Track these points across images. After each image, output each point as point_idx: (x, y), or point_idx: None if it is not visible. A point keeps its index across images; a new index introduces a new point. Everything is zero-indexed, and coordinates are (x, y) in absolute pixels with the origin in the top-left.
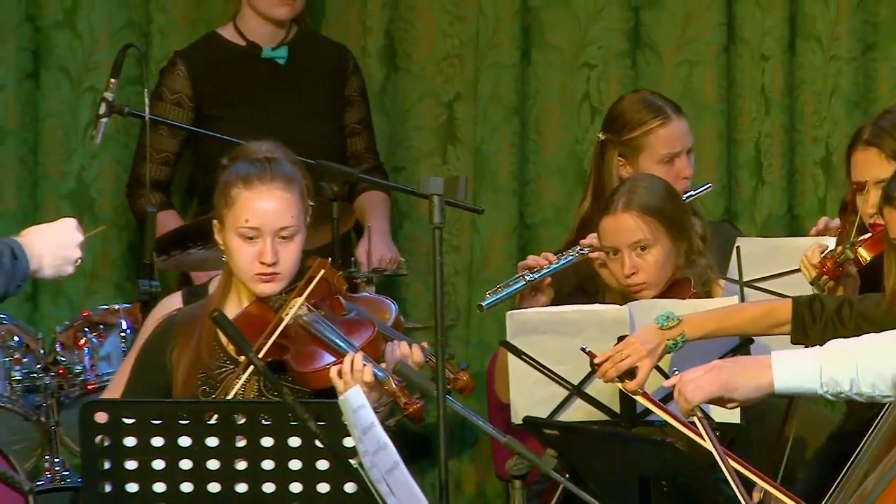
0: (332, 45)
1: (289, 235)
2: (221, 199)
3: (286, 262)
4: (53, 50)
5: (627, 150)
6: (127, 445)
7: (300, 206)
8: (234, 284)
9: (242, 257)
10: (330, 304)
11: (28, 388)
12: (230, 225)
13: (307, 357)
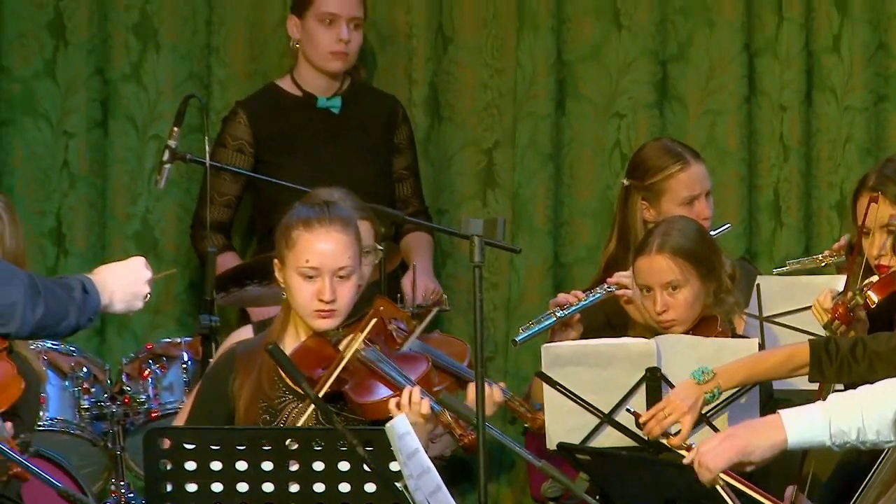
0: (383, 95)
1: (346, 275)
2: (283, 239)
3: (343, 300)
4: (121, 101)
5: (650, 194)
6: (188, 469)
7: (356, 247)
8: (292, 319)
9: (302, 295)
10: (385, 338)
11: (96, 416)
12: (291, 264)
13: (365, 390)
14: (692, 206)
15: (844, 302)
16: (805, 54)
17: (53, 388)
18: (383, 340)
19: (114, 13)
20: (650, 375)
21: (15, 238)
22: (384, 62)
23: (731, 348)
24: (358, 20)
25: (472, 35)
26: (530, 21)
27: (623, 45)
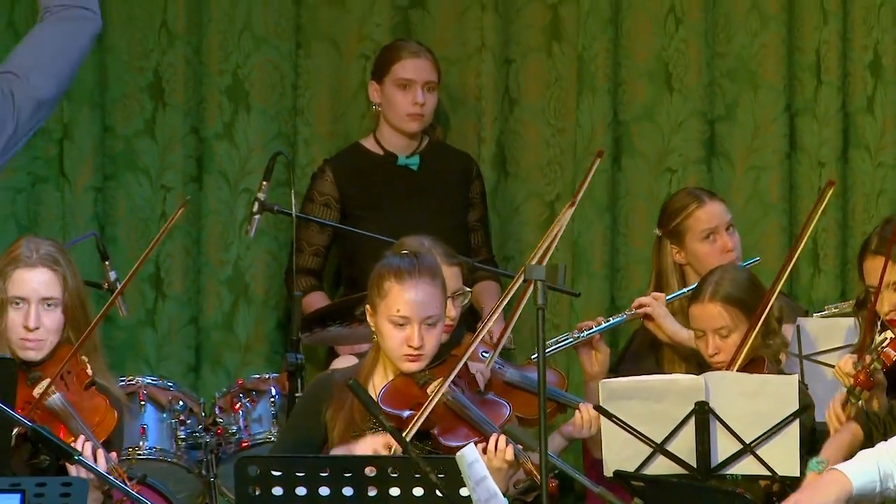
0: (458, 154)
1: (433, 322)
2: (375, 288)
3: (429, 345)
4: (214, 157)
5: (675, 236)
6: (275, 494)
7: (442, 296)
8: (382, 359)
9: (393, 341)
10: (467, 381)
11: (191, 446)
12: (382, 312)
13: (452, 434)
14: (714, 240)
15: (864, 368)
16: (842, 115)
17: (152, 420)
18: (466, 383)
19: (208, 77)
20: (699, 409)
21: (75, 279)
22: (456, 122)
23: (772, 384)
24: (432, 84)
25: (535, 97)
26: (589, 84)
27: (674, 106)
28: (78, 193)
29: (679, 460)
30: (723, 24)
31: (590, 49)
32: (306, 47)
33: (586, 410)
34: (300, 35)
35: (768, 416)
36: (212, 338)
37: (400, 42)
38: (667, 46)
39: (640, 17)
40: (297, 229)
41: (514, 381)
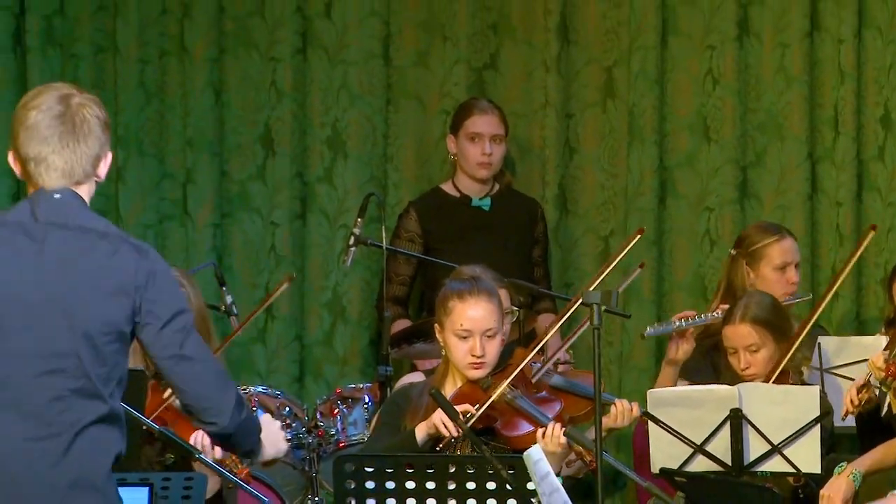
0: (525, 198)
1: (492, 334)
2: (441, 308)
3: (490, 355)
4: (316, 198)
5: (752, 259)
6: (368, 488)
7: (499, 312)
8: (451, 369)
9: (458, 352)
10: (525, 384)
11: (296, 446)
12: (448, 328)
13: (512, 426)
14: (784, 272)
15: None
16: (856, 162)
17: None
18: (524, 385)
19: (311, 129)
20: (733, 415)
21: (197, 299)
22: (524, 169)
23: (796, 393)
24: (500, 137)
25: (592, 146)
26: (638, 135)
27: (712, 155)
28: (199, 229)
29: (716, 459)
30: (753, 84)
31: (639, 105)
32: (395, 103)
33: (621, 404)
34: (390, 93)
35: (793, 421)
36: (314, 353)
37: (472, 100)
38: (705, 103)
39: (683, 78)
40: (387, 261)
41: (560, 386)
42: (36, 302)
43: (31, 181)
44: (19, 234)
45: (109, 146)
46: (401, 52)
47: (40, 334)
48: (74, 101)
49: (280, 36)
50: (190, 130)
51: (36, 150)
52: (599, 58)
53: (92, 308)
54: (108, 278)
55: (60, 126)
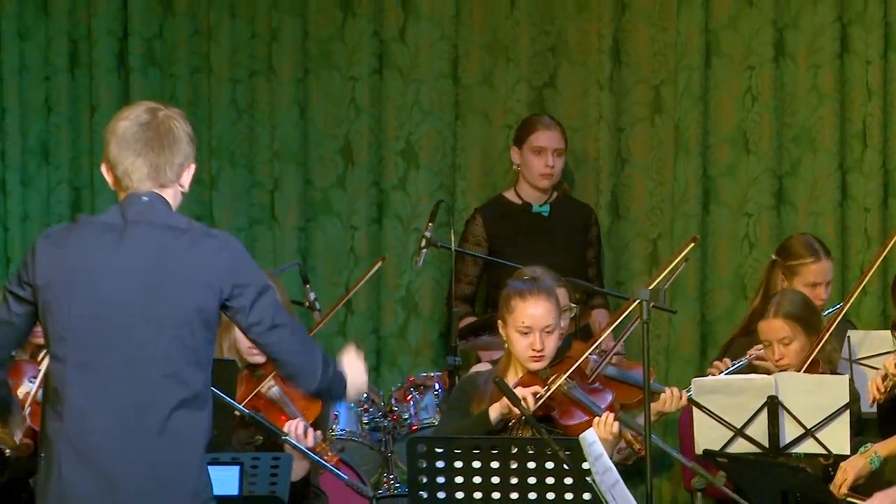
0: (580, 204)
1: (550, 330)
2: (504, 306)
3: (549, 348)
4: (391, 204)
5: (788, 272)
6: (438, 467)
7: (557, 309)
8: (512, 361)
9: (520, 346)
10: (580, 376)
11: (373, 428)
12: (511, 324)
13: (568, 415)
14: (814, 289)
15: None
16: (883, 171)
17: (343, 409)
18: (579, 377)
19: (386, 142)
20: (770, 401)
21: (282, 297)
22: (580, 178)
23: (826, 382)
24: (560, 150)
25: (641, 157)
26: (683, 147)
27: (751, 165)
28: (285, 232)
29: (754, 441)
30: (789, 101)
31: (684, 120)
32: (463, 119)
33: (671, 392)
34: (458, 109)
35: (825, 407)
36: (389, 344)
37: (536, 117)
38: (745, 118)
39: (724, 96)
40: (455, 261)
41: (614, 376)
42: (126, 295)
43: (121, 186)
44: (109, 233)
45: (193, 158)
46: (468, 72)
47: (131, 324)
48: (161, 114)
49: (359, 58)
50: (277, 143)
51: (124, 156)
52: (648, 77)
53: (180, 298)
54: (193, 270)
55: (147, 133)
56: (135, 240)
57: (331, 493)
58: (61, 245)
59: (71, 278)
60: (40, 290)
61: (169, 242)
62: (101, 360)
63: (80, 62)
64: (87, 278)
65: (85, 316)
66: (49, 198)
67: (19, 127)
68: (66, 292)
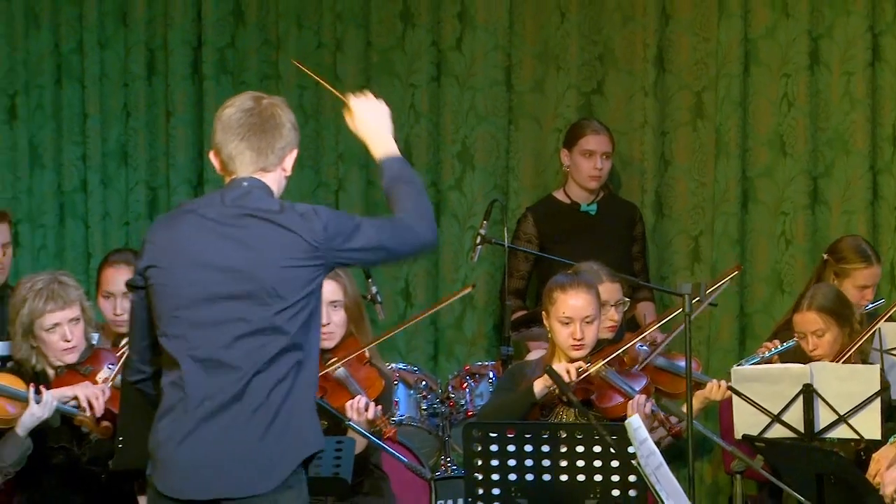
0: (626, 203)
1: (590, 320)
2: (547, 299)
3: (589, 338)
4: (448, 203)
5: (840, 272)
6: (492, 450)
7: (596, 301)
8: (556, 350)
9: (561, 336)
10: (619, 363)
11: (431, 414)
12: (553, 315)
13: (606, 398)
14: (862, 291)
15: None
16: None
17: (403, 395)
18: (618, 363)
19: (444, 145)
20: (805, 389)
21: (351, 288)
22: (626, 178)
23: (860, 371)
24: (608, 153)
25: (683, 160)
26: (724, 150)
27: (787, 167)
28: None
29: (790, 427)
30: (823, 107)
31: (724, 124)
32: (515, 123)
33: (716, 384)
34: (511, 114)
35: (857, 395)
36: (446, 335)
37: (586, 121)
38: (782, 122)
39: (762, 101)
40: (508, 257)
41: (662, 366)
42: (224, 273)
43: (227, 171)
44: (209, 218)
45: (296, 145)
46: (520, 80)
47: (229, 301)
48: (265, 101)
49: (418, 66)
50: (341, 146)
51: (228, 140)
52: (690, 84)
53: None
54: (288, 249)
55: (250, 119)
56: (232, 223)
57: (392, 474)
58: (167, 231)
59: (176, 260)
60: (150, 273)
61: (262, 229)
62: (205, 338)
63: (157, 70)
64: (190, 260)
65: (189, 295)
66: (128, 197)
67: (100, 131)
68: (172, 273)
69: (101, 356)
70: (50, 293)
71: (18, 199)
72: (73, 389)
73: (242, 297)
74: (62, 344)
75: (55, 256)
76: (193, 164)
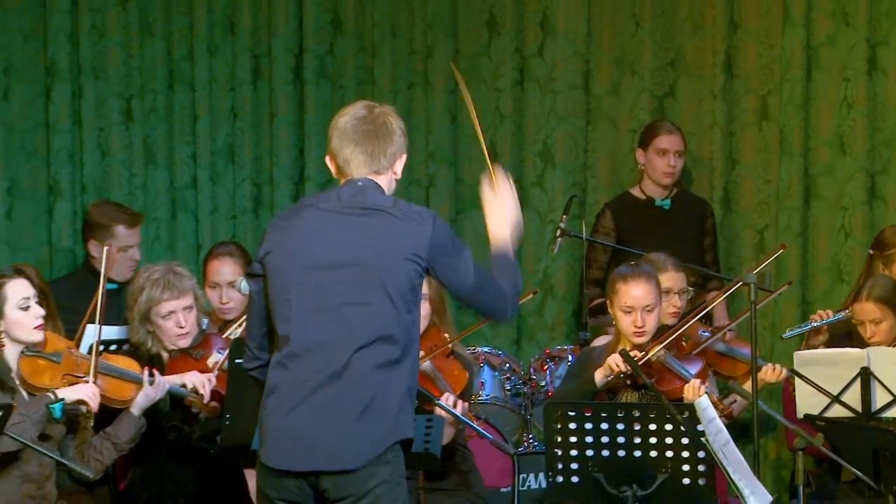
0: (698, 199)
1: (650, 309)
2: (610, 288)
3: (649, 325)
4: (530, 199)
5: (887, 260)
6: (570, 428)
7: (656, 291)
8: (621, 336)
9: (624, 323)
10: (677, 347)
11: (514, 394)
12: (616, 304)
13: (665, 382)
14: None
15: None
16: None
17: (488, 377)
18: (676, 348)
19: (526, 145)
20: (863, 372)
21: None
22: (696, 175)
23: None
24: (681, 152)
25: (750, 158)
26: (787, 150)
27: (846, 165)
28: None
29: (849, 407)
30: (880, 109)
31: (788, 126)
32: (593, 124)
33: (771, 367)
34: (589, 116)
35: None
36: (528, 321)
37: (660, 122)
38: (841, 124)
39: (823, 104)
40: (587, 249)
41: (723, 351)
42: (337, 265)
43: (342, 174)
44: (326, 213)
45: (405, 150)
46: (598, 84)
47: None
48: (376, 110)
49: (502, 71)
50: (431, 146)
51: (343, 146)
52: (756, 88)
53: (390, 268)
54: (399, 244)
55: (364, 126)
56: (347, 219)
57: (477, 451)
58: (286, 222)
59: (290, 245)
60: (267, 260)
61: (376, 221)
62: (314, 316)
63: (262, 75)
64: (302, 245)
65: (298, 280)
66: (234, 193)
67: (209, 131)
68: (285, 258)
69: (211, 341)
70: (166, 283)
71: (134, 194)
72: (184, 377)
73: (351, 283)
74: (176, 330)
75: (167, 248)
76: (295, 163)
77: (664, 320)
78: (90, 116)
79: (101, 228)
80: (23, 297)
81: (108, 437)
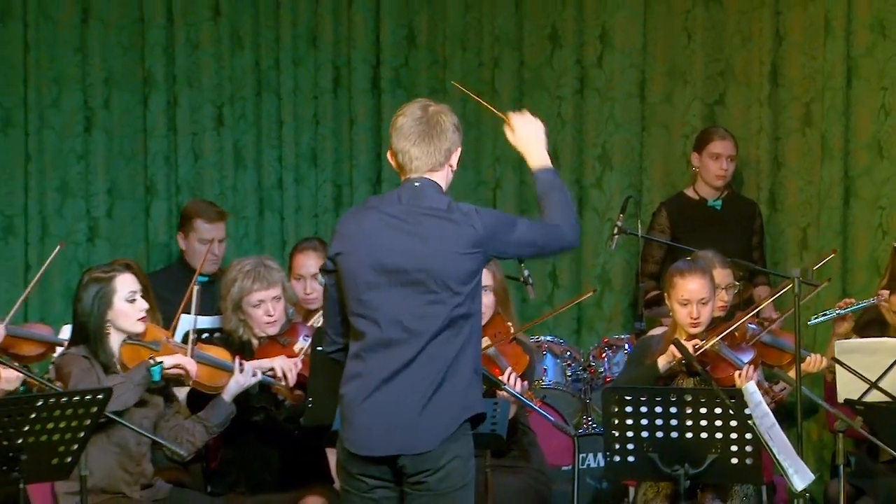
0: (747, 200)
1: (705, 302)
2: (667, 282)
3: (704, 316)
4: (589, 199)
5: None
6: (627, 411)
7: (711, 284)
8: (677, 327)
9: (680, 315)
10: (731, 337)
11: (574, 380)
12: (673, 297)
13: (718, 370)
14: None
15: None
16: None
17: (551, 364)
18: (730, 338)
19: (586, 148)
20: None
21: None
22: (746, 177)
23: None
24: (733, 156)
25: (794, 161)
26: (829, 153)
27: (883, 168)
28: None
29: (886, 392)
30: None
31: (829, 131)
32: (648, 129)
33: (814, 357)
34: (644, 122)
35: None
36: (588, 312)
37: (714, 128)
38: (879, 129)
39: (863, 111)
40: (644, 246)
41: (768, 342)
42: (398, 264)
43: (403, 171)
44: (388, 213)
45: (460, 143)
46: (652, 93)
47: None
48: (431, 109)
49: (564, 81)
50: (498, 150)
51: (402, 145)
52: (800, 96)
53: (449, 266)
54: (455, 242)
55: (419, 126)
56: (408, 219)
57: (539, 432)
58: (353, 225)
59: (358, 249)
60: (338, 260)
61: (435, 222)
62: (384, 315)
63: (342, 84)
64: (370, 250)
65: (369, 281)
66: (317, 193)
67: (294, 136)
68: (356, 262)
69: (297, 329)
70: (257, 275)
71: (224, 195)
72: (272, 362)
73: (416, 284)
74: (266, 318)
75: (255, 244)
76: (373, 165)
77: (714, 313)
78: (184, 123)
79: (186, 221)
80: (130, 291)
81: (201, 420)
